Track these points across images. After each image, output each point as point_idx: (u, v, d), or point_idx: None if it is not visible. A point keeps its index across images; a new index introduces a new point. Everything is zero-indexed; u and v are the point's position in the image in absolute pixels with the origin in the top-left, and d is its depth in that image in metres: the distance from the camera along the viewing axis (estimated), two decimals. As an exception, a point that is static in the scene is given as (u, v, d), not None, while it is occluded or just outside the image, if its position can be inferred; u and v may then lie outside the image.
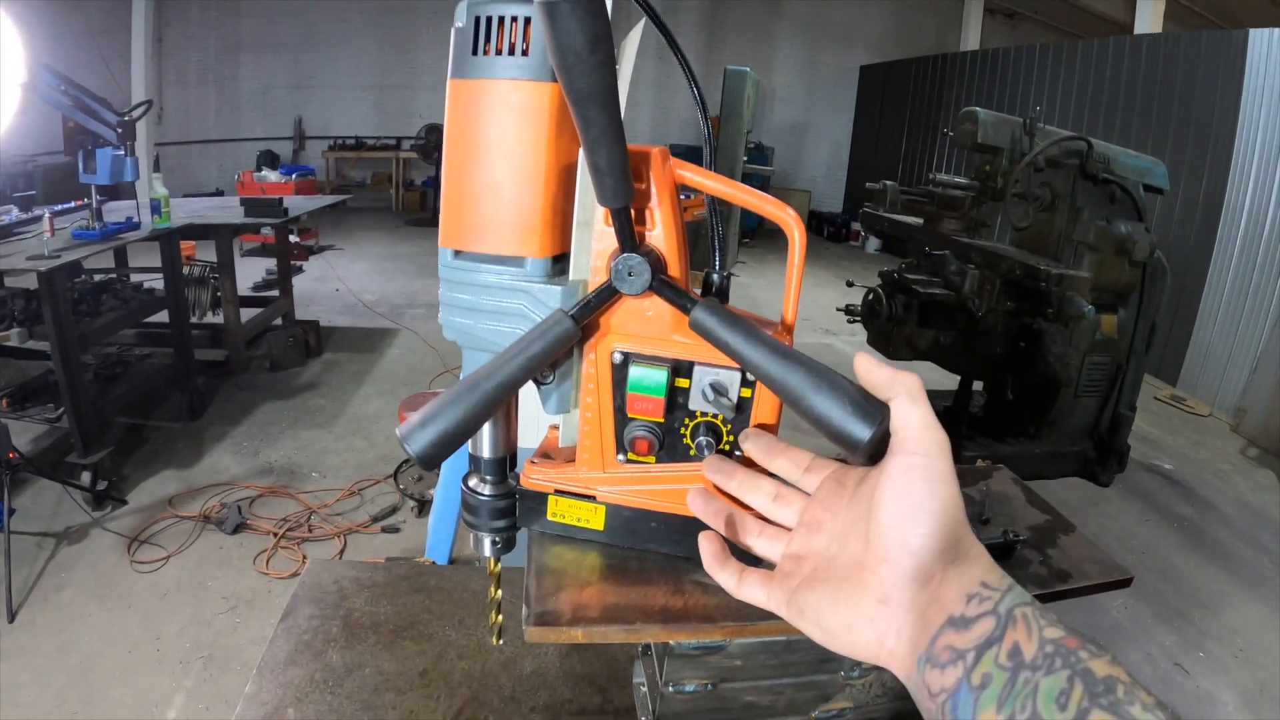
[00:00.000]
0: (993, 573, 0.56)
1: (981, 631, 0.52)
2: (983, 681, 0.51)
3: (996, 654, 0.51)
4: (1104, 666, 0.47)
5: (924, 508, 0.57)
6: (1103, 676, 0.47)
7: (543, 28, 0.52)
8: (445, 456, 0.65)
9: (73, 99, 4.06)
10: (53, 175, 9.01)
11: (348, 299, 8.14)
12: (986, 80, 11.04)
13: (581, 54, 0.52)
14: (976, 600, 0.54)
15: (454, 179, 0.73)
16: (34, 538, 3.76)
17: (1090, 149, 4.21)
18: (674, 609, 0.79)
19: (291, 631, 1.38)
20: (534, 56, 0.70)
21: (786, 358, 0.63)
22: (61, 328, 3.89)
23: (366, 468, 4.59)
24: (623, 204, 0.64)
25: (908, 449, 0.59)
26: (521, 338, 0.69)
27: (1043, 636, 0.50)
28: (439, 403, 0.65)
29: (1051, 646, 0.49)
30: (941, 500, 0.57)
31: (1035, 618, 0.52)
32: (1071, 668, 0.48)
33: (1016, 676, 0.49)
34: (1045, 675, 0.48)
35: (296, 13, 13.49)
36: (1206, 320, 6.79)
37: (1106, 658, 0.48)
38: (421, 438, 0.64)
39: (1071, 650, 0.49)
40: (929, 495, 0.57)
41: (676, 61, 0.83)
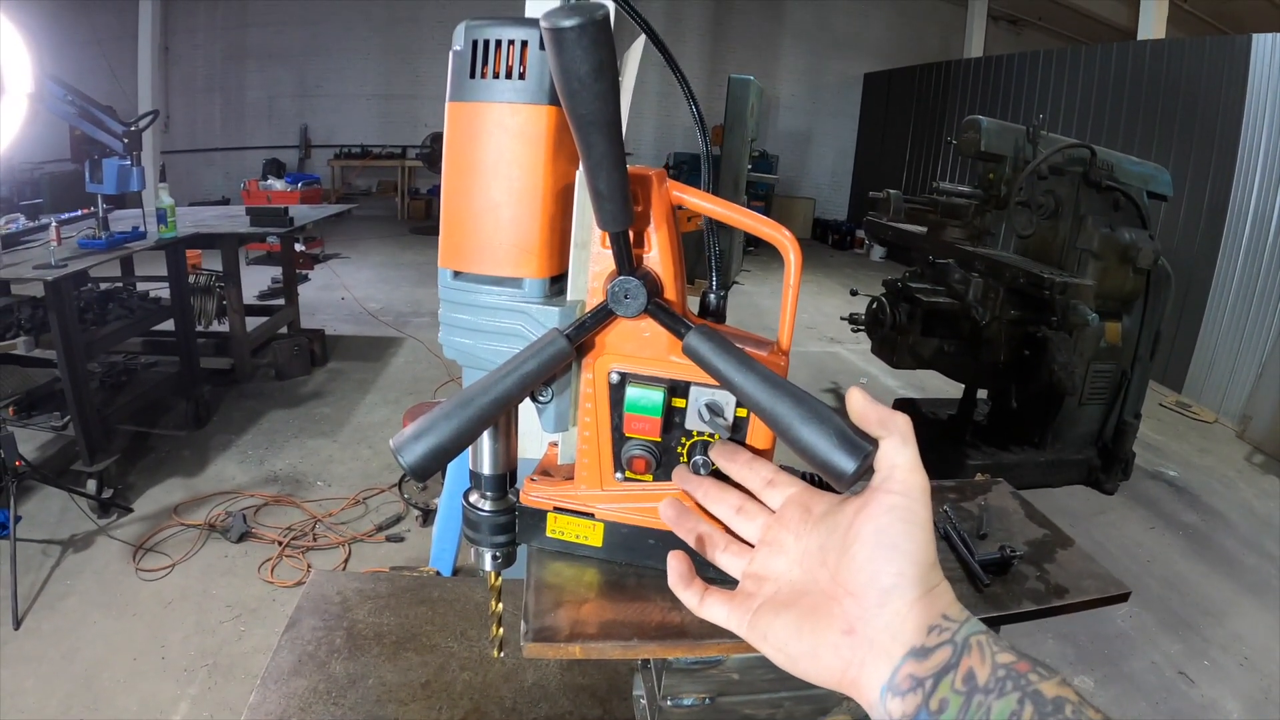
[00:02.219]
0: (953, 607, 0.58)
1: (939, 660, 0.54)
2: (940, 706, 0.53)
3: (953, 680, 0.53)
4: (1053, 688, 0.50)
5: (899, 548, 0.58)
6: (1052, 697, 0.50)
7: (549, 53, 0.53)
8: (437, 469, 0.66)
9: (79, 109, 4.07)
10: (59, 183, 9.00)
11: (353, 307, 8.15)
12: (990, 87, 11.04)
13: (586, 81, 0.53)
14: (936, 631, 0.56)
15: (453, 200, 0.74)
16: (40, 545, 3.77)
17: (1093, 156, 4.21)
18: (671, 625, 0.80)
19: (295, 642, 1.38)
20: (531, 80, 0.70)
21: (776, 387, 0.64)
22: (68, 336, 3.91)
23: (371, 477, 4.60)
24: (622, 228, 0.65)
25: (891, 489, 0.60)
26: (516, 355, 0.70)
27: (995, 661, 0.53)
28: (433, 416, 0.66)
29: (1003, 671, 0.52)
30: (917, 543, 0.58)
31: (989, 644, 0.54)
32: (1022, 689, 0.50)
33: (970, 700, 0.52)
34: (997, 698, 0.51)
35: (302, 22, 13.52)
36: (1212, 326, 6.78)
37: (1056, 679, 0.51)
38: (415, 450, 0.65)
39: (1022, 674, 0.51)
40: (905, 537, 0.58)
41: (686, 69, 0.84)
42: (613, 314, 0.71)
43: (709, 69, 14.16)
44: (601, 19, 0.51)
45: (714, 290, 0.82)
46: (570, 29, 0.50)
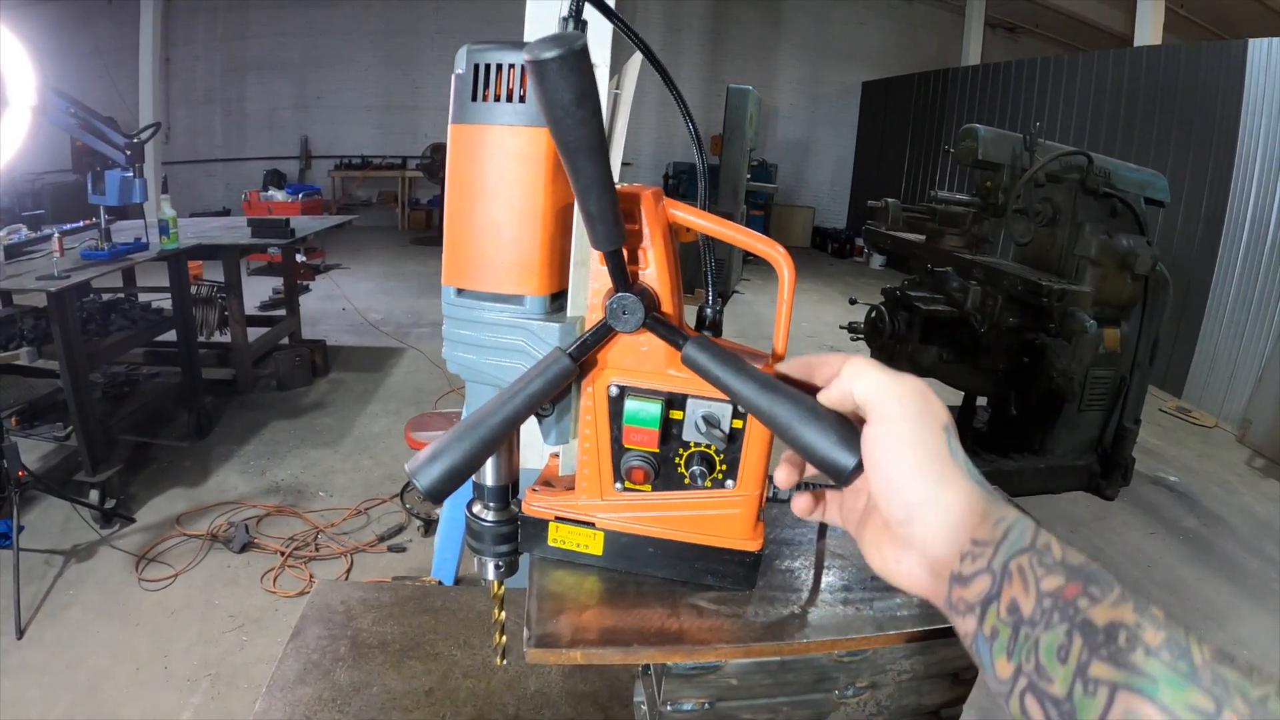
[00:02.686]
0: (983, 524, 0.56)
1: (980, 588, 0.54)
2: (992, 633, 0.53)
3: (997, 609, 0.53)
4: (1105, 612, 0.48)
5: (894, 480, 0.60)
6: (1103, 625, 0.47)
7: (532, 84, 0.55)
8: (452, 490, 0.68)
9: (81, 121, 4.09)
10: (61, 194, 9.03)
11: (354, 318, 8.17)
12: (988, 94, 11.07)
13: (570, 108, 0.55)
14: (970, 559, 0.56)
15: (455, 220, 0.76)
16: (42, 555, 3.78)
17: (1090, 164, 4.23)
18: (670, 631, 0.81)
19: (300, 651, 1.40)
20: (531, 103, 0.72)
21: (774, 391, 0.66)
22: (70, 347, 3.92)
23: (373, 487, 4.61)
24: (615, 247, 0.67)
25: (870, 420, 0.62)
26: (522, 376, 0.72)
27: (1040, 589, 0.51)
28: (446, 439, 0.68)
29: (1049, 600, 0.50)
30: (909, 464, 0.59)
31: (1032, 569, 0.52)
32: (1070, 620, 0.48)
33: (1018, 632, 0.51)
34: (1044, 630, 0.49)
35: (302, 33, 13.56)
36: (1211, 331, 6.79)
37: (1110, 599, 0.48)
38: (430, 473, 0.66)
39: (1070, 601, 0.49)
40: (896, 463, 0.60)
41: (684, 79, 0.85)
42: (612, 330, 0.73)
43: (708, 78, 14.18)
44: (580, 49, 0.53)
45: (710, 305, 0.84)
46: (551, 60, 0.52)
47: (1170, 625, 0.46)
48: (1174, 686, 0.43)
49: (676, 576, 0.86)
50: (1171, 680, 0.43)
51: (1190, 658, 0.44)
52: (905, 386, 0.62)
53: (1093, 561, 0.52)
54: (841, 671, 0.98)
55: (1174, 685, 0.43)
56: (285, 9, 13.37)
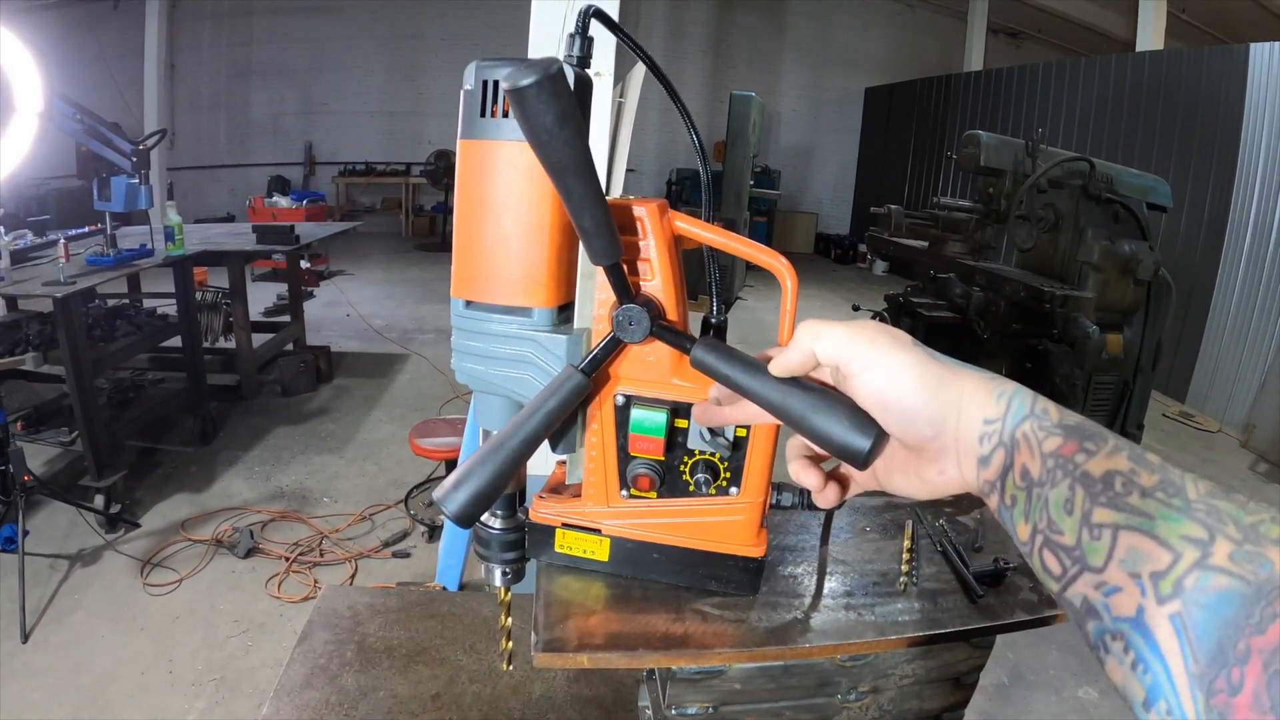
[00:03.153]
0: (989, 404, 0.60)
1: (998, 463, 0.58)
2: (1011, 501, 0.56)
3: (1013, 478, 0.56)
4: (1101, 463, 0.51)
5: (907, 409, 0.62)
6: (1100, 474, 0.51)
7: (514, 112, 0.56)
8: (480, 514, 0.70)
9: (87, 127, 4.11)
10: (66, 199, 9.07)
11: (358, 324, 8.19)
12: (990, 100, 11.09)
13: (553, 130, 0.56)
14: (985, 439, 0.59)
15: (464, 233, 0.77)
16: (47, 559, 3.80)
17: (1092, 169, 4.23)
18: (675, 636, 0.83)
19: (307, 655, 1.41)
20: None
21: (783, 383, 0.67)
22: (76, 352, 3.94)
23: (377, 493, 4.62)
24: (613, 260, 0.68)
25: (851, 370, 0.64)
26: (538, 395, 0.73)
27: (1043, 452, 0.55)
28: (469, 465, 0.69)
29: (1052, 460, 0.54)
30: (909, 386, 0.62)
31: (1034, 433, 0.56)
32: (1071, 475, 0.52)
33: (1031, 494, 0.54)
34: (1051, 488, 0.53)
35: (307, 40, 13.60)
36: (1214, 336, 6.79)
37: (1104, 452, 0.52)
38: (457, 499, 0.68)
39: (1068, 458, 0.53)
40: (900, 396, 0.62)
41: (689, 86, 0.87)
42: (621, 343, 0.75)
43: (711, 85, 14.20)
44: (556, 73, 0.54)
45: (715, 314, 0.85)
46: (529, 86, 0.53)
47: (1165, 468, 0.50)
48: (1169, 520, 0.47)
49: (681, 582, 0.87)
50: (1166, 515, 0.47)
51: (1184, 494, 0.48)
52: (864, 329, 0.65)
53: (1088, 420, 0.56)
54: (844, 676, 0.99)
55: (1168, 519, 0.47)
56: (289, 16, 13.42)
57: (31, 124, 3.66)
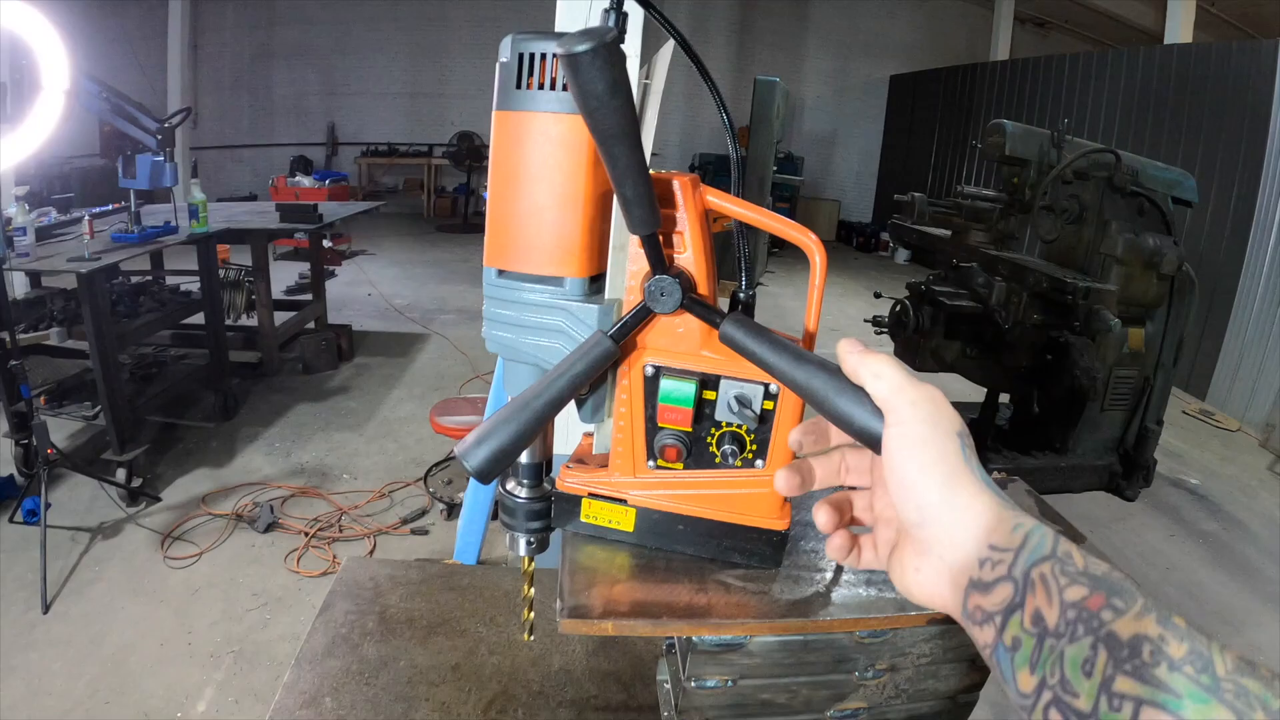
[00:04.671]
0: (1000, 528, 0.56)
1: (1002, 596, 0.54)
2: (1014, 644, 0.52)
3: (1021, 619, 0.52)
4: (1129, 625, 0.47)
5: (905, 483, 0.60)
6: (1128, 638, 0.46)
7: (567, 77, 0.57)
8: (500, 471, 0.70)
9: (113, 106, 4.14)
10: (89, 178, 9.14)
11: (379, 304, 8.23)
12: (1016, 90, 11.00)
13: (604, 98, 0.57)
14: (989, 565, 0.55)
15: (498, 203, 0.78)
16: (69, 532, 3.84)
17: (1118, 161, 4.20)
18: (698, 606, 0.84)
19: (329, 625, 1.43)
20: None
21: (809, 363, 0.67)
22: (100, 328, 3.98)
23: (396, 470, 4.66)
24: (651, 230, 0.69)
25: (888, 423, 0.62)
26: (565, 358, 0.74)
27: (1064, 600, 0.50)
28: (493, 422, 0.70)
29: (1073, 611, 0.49)
30: (923, 464, 0.59)
31: (1055, 577, 0.51)
32: (1094, 633, 0.48)
33: (1043, 642, 0.50)
34: (1069, 643, 0.48)
35: (330, 21, 13.63)
36: (1236, 334, 6.74)
37: (1134, 610, 0.48)
38: (478, 454, 0.69)
39: (1094, 613, 0.48)
40: (912, 465, 0.60)
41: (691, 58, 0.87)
42: (651, 312, 0.76)
43: (734, 70, 14.16)
44: (611, 41, 0.55)
45: (743, 290, 0.86)
46: (584, 53, 0.54)
47: (1193, 636, 0.46)
48: (1197, 701, 0.43)
49: (705, 554, 0.88)
50: (1195, 694, 0.43)
51: (1213, 670, 0.44)
52: (921, 391, 0.62)
53: (1115, 570, 0.51)
54: (862, 653, 0.99)
55: (1197, 699, 0.43)
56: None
57: (58, 102, 3.68)
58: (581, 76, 0.55)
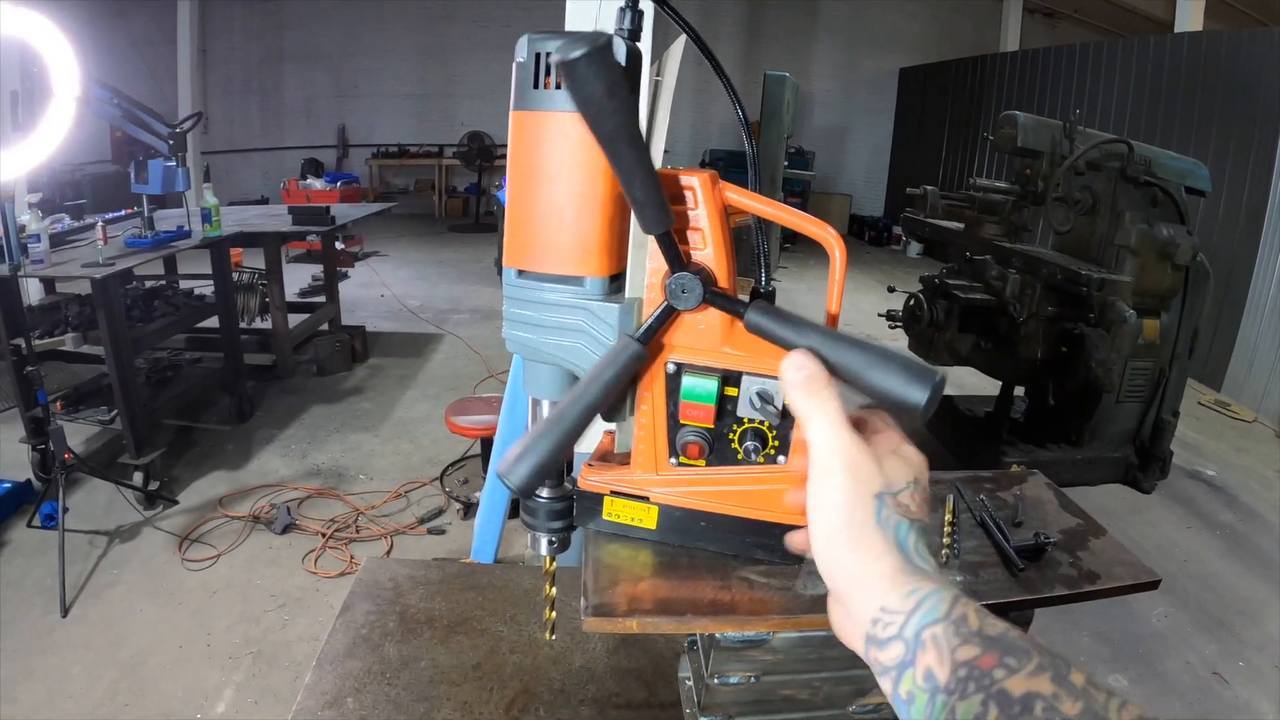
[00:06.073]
0: (892, 594, 0.57)
1: (895, 654, 0.55)
2: (909, 697, 0.54)
3: (913, 675, 0.53)
4: (1021, 683, 0.48)
5: (816, 537, 0.62)
6: (1020, 695, 0.48)
7: (565, 85, 0.57)
8: (540, 484, 0.71)
9: (124, 111, 4.15)
10: (101, 184, 9.18)
11: (392, 305, 8.25)
12: (1026, 81, 10.96)
13: (602, 101, 0.57)
14: (881, 624, 0.57)
15: (517, 204, 0.78)
16: (87, 535, 3.86)
17: (1131, 152, 4.19)
18: (722, 603, 0.84)
19: (350, 625, 1.43)
20: None
21: (838, 340, 0.67)
22: (115, 333, 3.99)
23: (412, 470, 4.67)
24: (664, 229, 0.69)
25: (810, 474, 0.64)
26: (594, 365, 0.74)
27: (954, 660, 0.51)
28: (531, 438, 0.70)
29: (964, 670, 0.51)
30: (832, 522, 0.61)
31: (946, 638, 0.53)
32: (985, 690, 0.49)
33: (935, 698, 0.52)
34: (960, 699, 0.50)
35: (338, 23, 13.66)
36: (1251, 324, 6.69)
37: (1027, 669, 0.49)
38: (519, 472, 0.69)
39: (986, 671, 0.50)
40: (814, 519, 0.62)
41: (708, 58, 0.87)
42: (675, 311, 0.76)
43: (744, 65, 14.13)
44: (604, 45, 0.55)
45: (763, 285, 0.86)
46: (579, 58, 0.54)
47: (1089, 694, 0.47)
48: None
49: (727, 550, 0.88)
50: None
51: None
52: (849, 448, 0.62)
53: (1013, 630, 0.52)
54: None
55: None
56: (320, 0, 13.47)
57: (69, 109, 3.70)
58: (578, 81, 0.55)
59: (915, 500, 0.62)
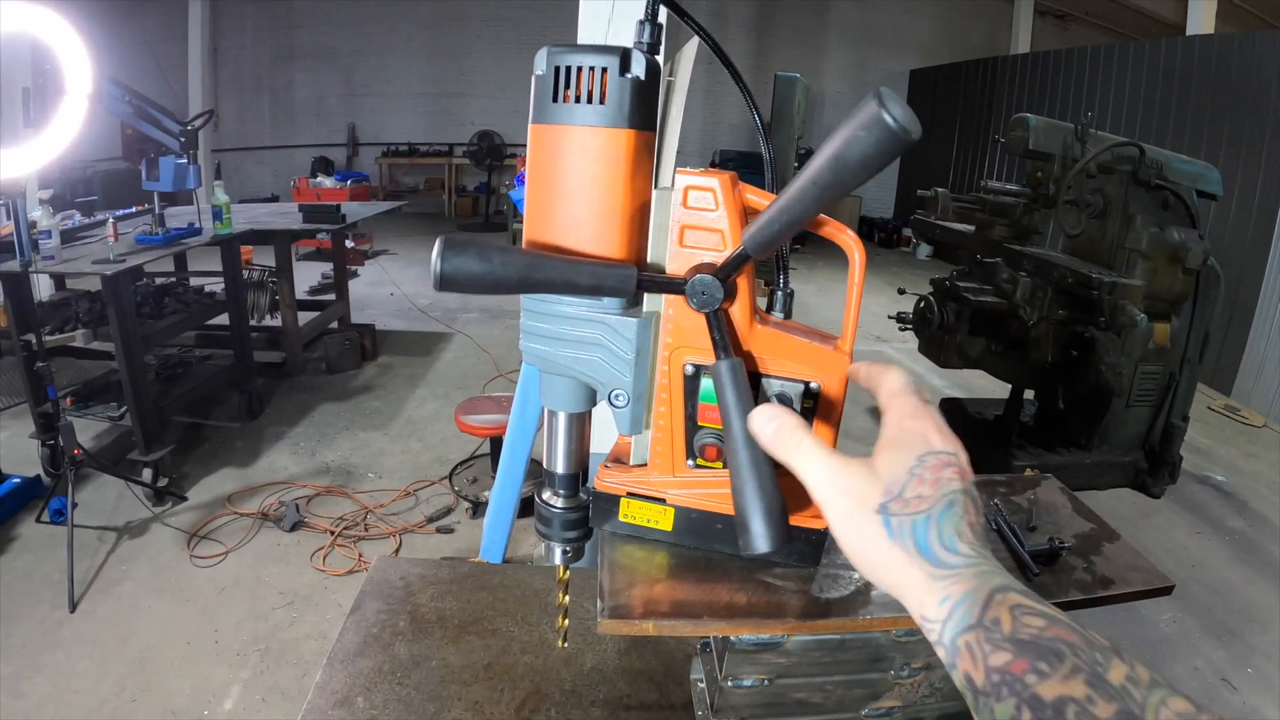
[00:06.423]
0: (928, 602, 0.57)
1: (942, 656, 0.56)
2: (961, 691, 0.55)
3: (958, 676, 0.54)
4: (1053, 688, 0.49)
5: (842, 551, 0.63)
6: (1051, 700, 0.48)
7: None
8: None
9: (136, 108, 4.16)
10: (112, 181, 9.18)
11: (402, 303, 8.26)
12: (1037, 83, 10.93)
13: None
14: (926, 630, 0.57)
15: (535, 216, 0.78)
16: (95, 531, 3.88)
17: (1142, 155, 4.18)
18: (739, 605, 0.84)
19: (360, 624, 1.43)
20: (611, 105, 0.73)
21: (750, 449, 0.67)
22: (125, 329, 4.00)
23: (421, 469, 4.67)
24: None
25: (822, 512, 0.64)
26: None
27: (989, 665, 0.52)
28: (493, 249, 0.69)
29: (998, 675, 0.51)
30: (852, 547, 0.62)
31: (979, 644, 0.53)
32: (1018, 695, 0.49)
33: (976, 699, 0.52)
34: (996, 701, 0.51)
35: (349, 22, 13.69)
36: (1261, 329, 6.67)
37: (1059, 674, 0.49)
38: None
39: (1017, 677, 0.50)
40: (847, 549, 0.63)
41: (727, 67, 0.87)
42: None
43: (754, 66, 14.11)
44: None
45: (781, 287, 0.86)
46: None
47: (1125, 693, 0.48)
48: None
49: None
50: None
51: None
52: (839, 478, 0.63)
53: (1052, 626, 0.52)
54: (898, 651, 0.99)
55: None
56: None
57: (81, 106, 3.70)
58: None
59: (926, 483, 0.61)
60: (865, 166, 0.59)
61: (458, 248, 0.66)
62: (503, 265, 0.67)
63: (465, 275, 0.66)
